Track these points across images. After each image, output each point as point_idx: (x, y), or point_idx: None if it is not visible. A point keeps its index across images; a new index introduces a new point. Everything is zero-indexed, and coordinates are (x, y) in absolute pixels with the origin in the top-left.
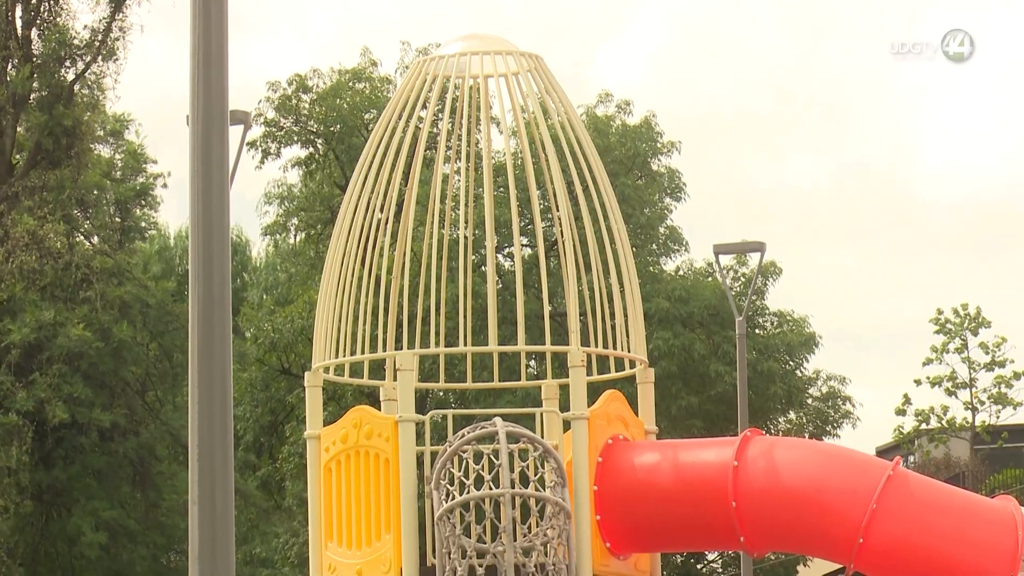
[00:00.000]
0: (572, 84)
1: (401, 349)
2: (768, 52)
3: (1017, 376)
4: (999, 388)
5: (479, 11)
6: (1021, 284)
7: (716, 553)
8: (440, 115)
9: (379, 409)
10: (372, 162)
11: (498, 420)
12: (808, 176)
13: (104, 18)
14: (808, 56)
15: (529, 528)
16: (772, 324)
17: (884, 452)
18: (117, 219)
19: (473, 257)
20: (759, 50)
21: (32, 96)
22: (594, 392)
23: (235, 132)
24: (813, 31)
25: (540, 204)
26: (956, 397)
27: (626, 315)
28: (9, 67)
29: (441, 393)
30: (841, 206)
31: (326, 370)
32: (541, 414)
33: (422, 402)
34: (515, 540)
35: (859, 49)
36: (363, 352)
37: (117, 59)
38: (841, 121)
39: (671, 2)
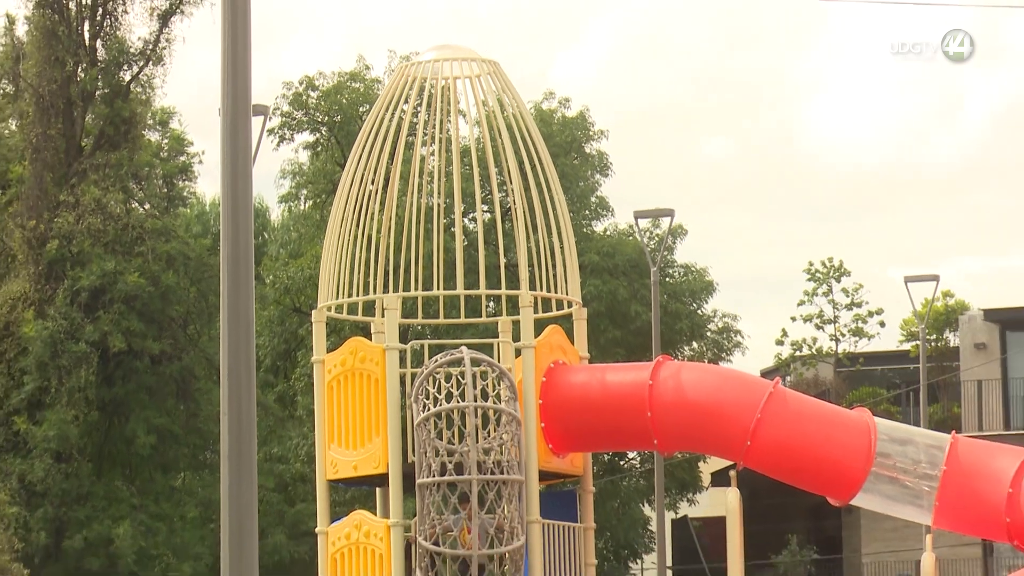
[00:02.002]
0: (538, 81)
1: (388, 293)
2: (692, 54)
3: (871, 314)
4: (857, 324)
5: (459, 21)
6: (874, 242)
7: (635, 452)
8: (418, 109)
9: (371, 340)
10: (365, 145)
11: (464, 348)
12: (715, 155)
13: (154, 31)
14: (725, 56)
15: (488, 433)
16: (679, 274)
17: (766, 373)
18: (164, 190)
19: (444, 220)
20: (686, 52)
21: (97, 93)
22: (539, 327)
23: (257, 122)
24: (734, 35)
25: (497, 179)
26: (823, 331)
27: (565, 266)
28: (79, 70)
29: (419, 327)
30: (740, 179)
31: (329, 309)
32: (498, 344)
33: (404, 334)
34: (477, 442)
35: (768, 50)
36: (358, 295)
37: (164, 64)
38: (749, 110)
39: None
